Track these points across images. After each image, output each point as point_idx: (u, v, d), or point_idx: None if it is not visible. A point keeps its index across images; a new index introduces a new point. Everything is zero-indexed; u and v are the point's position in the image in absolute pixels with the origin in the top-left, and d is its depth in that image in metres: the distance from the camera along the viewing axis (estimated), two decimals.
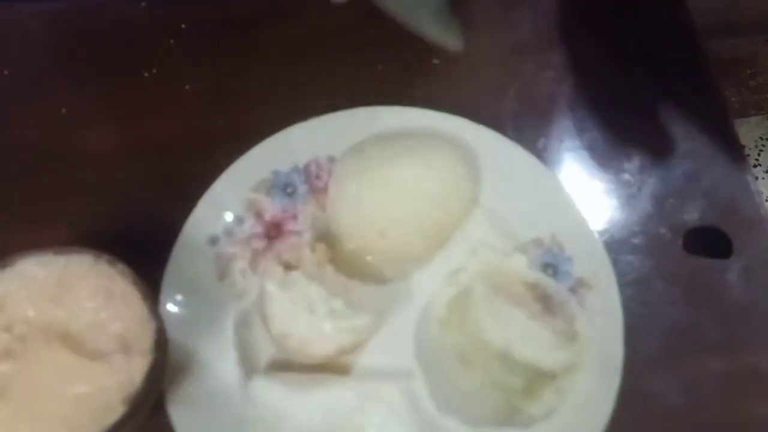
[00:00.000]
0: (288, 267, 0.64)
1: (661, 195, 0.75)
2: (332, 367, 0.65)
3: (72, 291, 0.57)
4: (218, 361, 0.64)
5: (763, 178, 1.77)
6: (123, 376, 0.54)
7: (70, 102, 0.78)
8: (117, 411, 0.53)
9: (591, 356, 0.63)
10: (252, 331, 0.66)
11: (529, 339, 0.60)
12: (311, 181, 0.72)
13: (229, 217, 0.69)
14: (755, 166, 1.76)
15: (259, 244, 0.70)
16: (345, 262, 0.68)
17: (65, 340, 0.56)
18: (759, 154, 1.76)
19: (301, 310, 0.59)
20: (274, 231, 0.70)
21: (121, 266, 0.57)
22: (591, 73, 0.80)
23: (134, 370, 0.55)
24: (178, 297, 0.65)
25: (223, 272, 0.68)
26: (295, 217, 0.71)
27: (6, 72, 0.79)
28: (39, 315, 0.57)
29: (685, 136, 0.78)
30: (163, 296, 0.65)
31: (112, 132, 0.77)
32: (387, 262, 0.70)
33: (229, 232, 0.69)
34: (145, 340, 0.56)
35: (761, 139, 1.76)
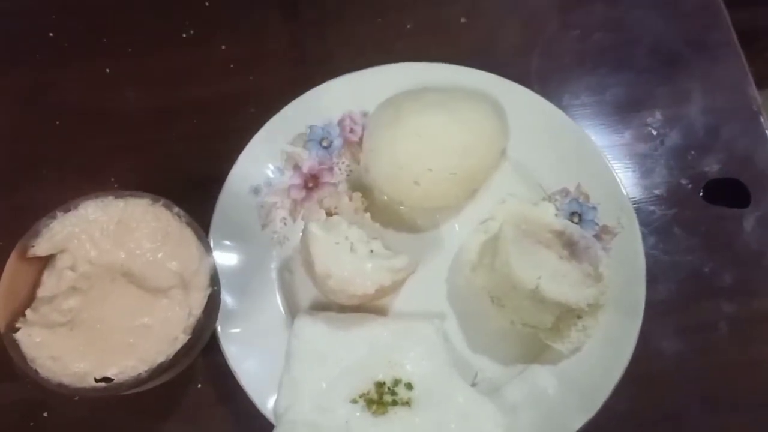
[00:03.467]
0: (329, 214, 0.68)
1: (682, 148, 0.78)
2: (370, 310, 0.69)
3: (131, 232, 0.61)
4: (264, 302, 0.69)
5: None
6: (183, 309, 0.58)
7: (113, 63, 0.81)
8: (180, 340, 0.57)
9: (614, 297, 0.66)
10: (294, 275, 0.70)
11: (558, 278, 0.63)
12: (345, 134, 0.75)
13: (269, 168, 0.73)
14: None
15: (298, 194, 0.73)
16: (379, 213, 0.71)
17: (128, 277, 0.60)
18: None
19: (343, 251, 0.63)
20: (311, 182, 0.74)
21: (176, 209, 0.61)
22: (614, 33, 0.82)
23: (193, 303, 0.59)
24: (226, 242, 0.69)
25: (265, 220, 0.72)
26: (330, 169, 0.75)
27: (51, 35, 0.82)
28: (101, 255, 0.61)
29: (706, 93, 0.80)
30: (210, 242, 0.68)
31: (154, 92, 0.80)
32: (420, 212, 0.73)
33: (269, 183, 0.73)
34: (202, 276, 0.60)
35: None
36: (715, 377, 0.70)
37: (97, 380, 0.56)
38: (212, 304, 0.60)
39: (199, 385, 0.69)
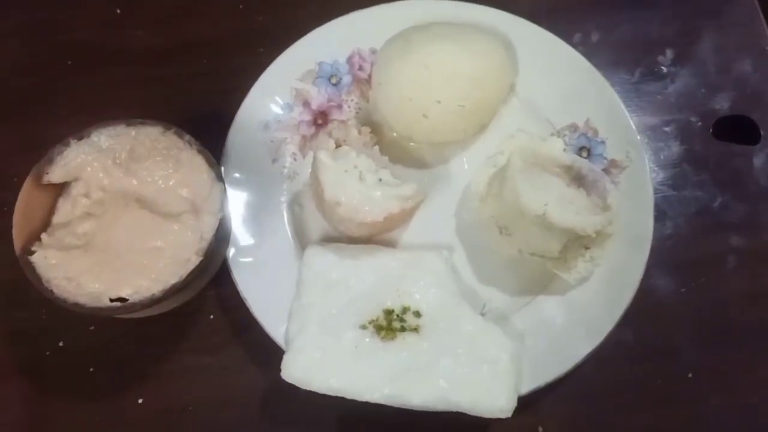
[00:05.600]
0: (338, 145, 0.68)
1: (692, 86, 0.77)
2: (379, 243, 0.69)
3: (143, 160, 0.62)
4: (275, 234, 0.69)
5: None
6: (195, 233, 0.59)
7: (124, 3, 0.81)
8: (193, 261, 0.58)
9: (622, 228, 0.66)
10: (304, 209, 0.71)
11: (565, 204, 0.63)
12: (354, 71, 0.75)
13: (278, 104, 0.73)
14: None
15: (307, 130, 0.74)
16: (388, 149, 0.71)
17: (141, 203, 0.61)
18: None
19: (352, 179, 0.63)
20: (321, 119, 0.74)
21: (187, 136, 0.62)
22: None
23: (205, 227, 0.60)
24: (237, 175, 0.70)
25: (275, 155, 0.72)
26: (339, 106, 0.75)
27: None
28: (114, 182, 0.62)
29: (717, 31, 0.80)
30: (222, 175, 0.69)
31: (164, 31, 0.80)
32: (428, 148, 0.73)
33: (279, 119, 0.73)
34: (213, 201, 0.60)
35: None
36: (721, 309, 0.70)
37: (111, 300, 0.57)
38: (223, 229, 0.60)
39: (212, 316, 0.69)
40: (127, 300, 0.57)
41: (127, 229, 0.60)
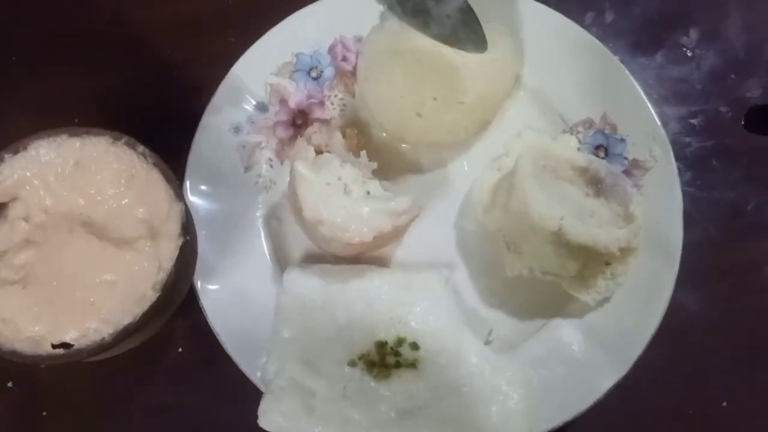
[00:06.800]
0: (319, 152, 0.60)
1: (721, 71, 0.69)
2: (369, 262, 0.61)
3: (91, 176, 0.53)
4: (250, 255, 0.62)
5: None
6: (152, 262, 0.51)
7: None
8: (149, 298, 0.50)
9: (647, 239, 0.59)
10: (283, 224, 0.63)
11: (584, 217, 0.55)
12: (337, 63, 0.66)
13: (250, 103, 0.65)
14: None
15: (285, 132, 0.65)
16: (378, 152, 0.63)
17: (89, 227, 0.52)
18: None
19: (336, 193, 0.55)
20: (300, 119, 0.66)
21: (141, 147, 0.53)
22: None
23: (163, 255, 0.51)
24: (203, 188, 0.61)
25: (248, 162, 0.64)
26: (321, 103, 0.66)
27: None
28: (57, 202, 0.53)
29: (748, 6, 0.71)
30: (187, 188, 0.61)
31: (117, 18, 0.71)
32: (424, 150, 0.65)
33: (252, 121, 0.65)
34: (172, 223, 0.52)
35: None
36: (759, 327, 0.63)
37: (54, 346, 0.50)
38: (185, 256, 0.52)
39: (180, 349, 0.63)
40: (72, 346, 0.49)
41: (72, 259, 0.51)
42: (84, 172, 0.54)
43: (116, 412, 0.61)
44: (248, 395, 0.56)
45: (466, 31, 0.56)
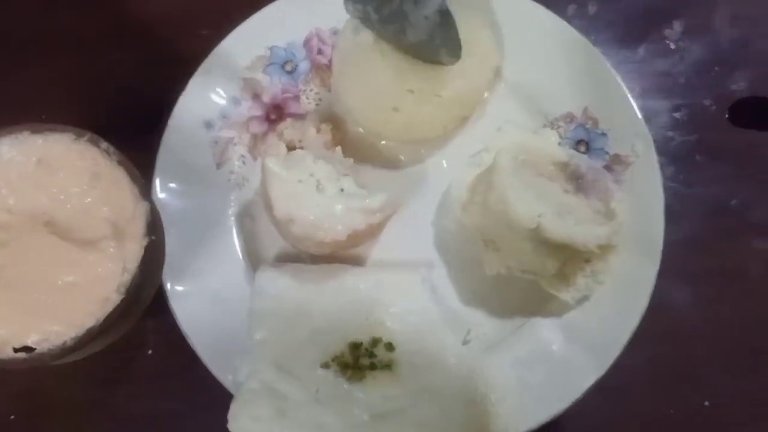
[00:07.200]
0: (292, 148, 0.58)
1: (705, 63, 0.68)
2: (344, 260, 0.60)
3: (54, 174, 0.52)
4: (221, 254, 0.60)
5: None
6: (116, 263, 0.49)
7: None
8: (113, 300, 0.48)
9: (628, 237, 0.57)
10: (257, 222, 0.61)
11: (563, 214, 0.54)
12: (313, 57, 0.65)
13: (223, 98, 0.63)
14: None
15: (258, 128, 0.63)
16: (353, 149, 0.62)
17: (52, 227, 0.51)
18: None
19: (308, 191, 0.53)
20: (274, 113, 0.64)
21: (105, 144, 0.51)
22: None
23: (128, 256, 0.49)
24: (173, 185, 0.60)
25: (221, 159, 0.62)
26: (296, 98, 0.64)
27: None
28: (20, 202, 0.51)
29: None
30: (156, 185, 0.59)
31: (92, 13, 0.69)
32: (401, 146, 0.64)
33: (224, 116, 0.63)
34: (138, 223, 0.50)
35: None
36: (745, 328, 0.62)
37: (16, 350, 0.48)
38: (151, 257, 0.50)
39: (150, 351, 0.61)
40: (35, 350, 0.47)
41: (34, 261, 0.50)
42: (47, 170, 0.52)
43: (85, 419, 0.59)
44: (222, 398, 0.55)
45: (443, 35, 0.54)
